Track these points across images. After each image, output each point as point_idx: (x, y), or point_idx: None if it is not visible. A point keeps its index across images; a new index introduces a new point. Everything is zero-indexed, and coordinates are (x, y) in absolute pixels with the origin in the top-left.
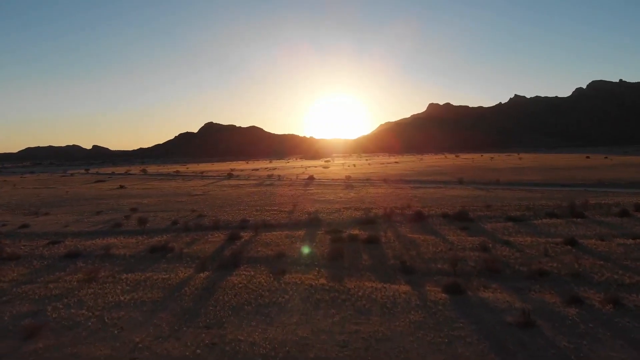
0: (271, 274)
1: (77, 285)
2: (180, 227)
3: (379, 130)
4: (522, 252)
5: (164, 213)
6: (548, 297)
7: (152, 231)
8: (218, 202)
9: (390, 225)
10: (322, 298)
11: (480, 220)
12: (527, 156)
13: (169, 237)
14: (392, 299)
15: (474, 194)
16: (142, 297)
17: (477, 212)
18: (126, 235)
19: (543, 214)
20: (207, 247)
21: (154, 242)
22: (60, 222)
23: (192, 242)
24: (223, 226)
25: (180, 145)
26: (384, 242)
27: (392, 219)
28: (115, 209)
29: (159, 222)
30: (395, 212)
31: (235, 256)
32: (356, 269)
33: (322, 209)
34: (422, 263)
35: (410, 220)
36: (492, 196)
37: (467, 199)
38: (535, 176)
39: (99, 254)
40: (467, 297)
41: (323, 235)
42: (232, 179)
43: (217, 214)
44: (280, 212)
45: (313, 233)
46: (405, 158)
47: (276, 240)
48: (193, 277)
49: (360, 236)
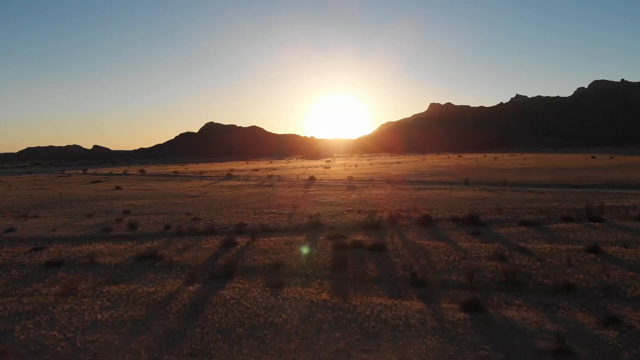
0: (268, 287)
1: (52, 300)
2: (173, 231)
3: (380, 130)
4: (542, 261)
5: (157, 216)
6: (580, 317)
7: (143, 236)
8: (215, 204)
9: (397, 229)
10: (324, 318)
11: (492, 224)
12: (531, 156)
13: (160, 242)
14: (404, 320)
15: (481, 195)
16: (122, 315)
17: (487, 215)
18: (115, 240)
19: (558, 218)
20: (199, 254)
21: (143, 248)
22: (48, 225)
23: (184, 248)
24: (218, 231)
25: (181, 145)
26: (391, 249)
27: (398, 223)
28: (107, 212)
29: (151, 226)
30: (401, 215)
31: (229, 266)
32: (362, 280)
33: (323, 212)
34: (434, 274)
35: (418, 224)
36: (501, 198)
37: (476, 201)
38: (542, 177)
39: (82, 262)
40: (489, 316)
41: (325, 241)
42: (231, 180)
43: (213, 217)
44: (280, 215)
45: (314, 238)
46: (407, 158)
47: (274, 247)
48: (181, 290)
49: (364, 242)
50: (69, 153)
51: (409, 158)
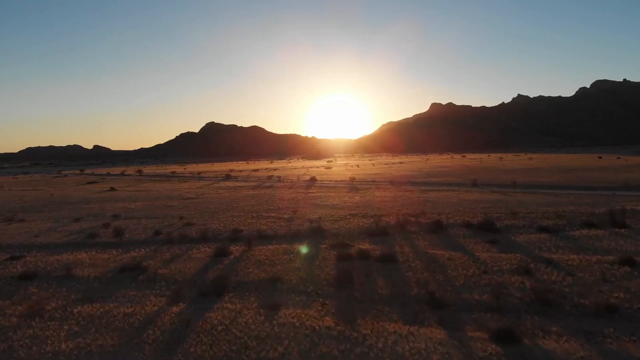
0: (262, 309)
1: (15, 323)
2: (163, 238)
3: (381, 130)
4: (573, 275)
5: (148, 220)
6: (633, 349)
7: (129, 243)
8: (211, 207)
9: (406, 237)
10: (329, 352)
11: (509, 231)
12: (536, 156)
13: (147, 251)
14: (425, 355)
15: (492, 198)
16: (90, 344)
17: (502, 220)
18: (99, 248)
19: (579, 223)
20: (188, 266)
21: (128, 258)
22: (32, 230)
23: (172, 258)
24: (212, 237)
25: (181, 145)
26: (402, 260)
27: (407, 229)
28: (97, 215)
29: (140, 231)
30: (409, 220)
31: (219, 280)
32: (371, 300)
33: (325, 216)
34: (454, 293)
35: (428, 230)
36: (514, 201)
37: (487, 205)
38: (552, 178)
39: (59, 274)
40: (525, 348)
41: (327, 250)
42: (229, 181)
43: (207, 222)
44: (279, 220)
45: (316, 247)
46: (410, 158)
47: (271, 257)
48: (163, 311)
49: (372, 252)
50: (69, 153)
51: (411, 158)
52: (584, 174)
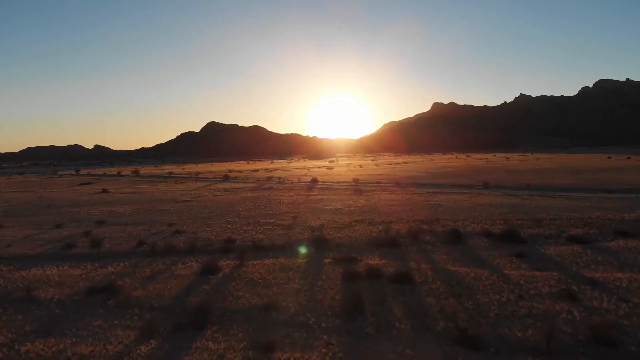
0: (251, 351)
1: None
2: (146, 249)
3: (383, 130)
4: (627, 302)
5: (135, 227)
6: None
7: (108, 256)
8: (204, 212)
9: (420, 249)
10: None
11: (536, 241)
12: (543, 156)
13: (125, 266)
14: None
15: (508, 202)
16: None
17: (526, 228)
18: (73, 261)
19: (611, 232)
20: (169, 286)
21: (102, 275)
22: (6, 239)
23: (152, 276)
24: (201, 249)
25: (182, 145)
26: (419, 281)
27: (420, 239)
28: (81, 221)
29: (123, 241)
30: (422, 228)
31: (203, 308)
32: (388, 337)
33: (328, 222)
34: (489, 327)
35: (445, 241)
36: (532, 205)
37: (504, 209)
38: (566, 179)
39: (18, 296)
40: None
41: (331, 267)
42: (228, 182)
43: (198, 229)
44: (277, 227)
45: (318, 261)
46: (413, 158)
47: (267, 276)
48: (129, 352)
49: (383, 269)
50: (70, 153)
51: (414, 158)
52: (597, 175)
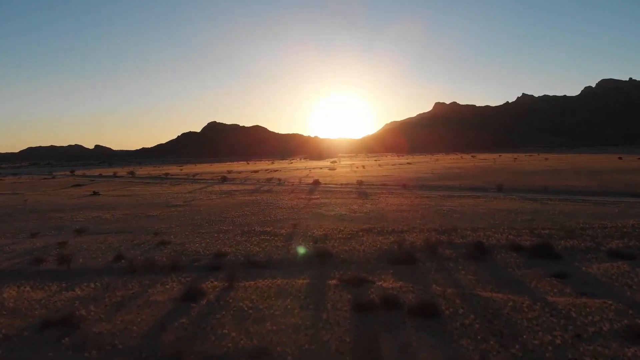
0: None
1: None
2: (123, 266)
3: (385, 130)
4: None
5: (117, 237)
6: None
7: (80, 273)
8: (196, 218)
9: (440, 266)
10: None
11: (574, 257)
12: (551, 157)
13: (94, 287)
14: None
15: (529, 207)
16: None
17: (557, 240)
18: (39, 280)
19: None
20: (140, 318)
21: (64, 300)
22: None
23: (123, 302)
24: (186, 265)
25: (183, 145)
26: (448, 313)
27: (439, 253)
28: (61, 228)
29: (99, 255)
30: (440, 239)
31: (177, 354)
32: None
33: (332, 232)
34: None
35: (468, 256)
36: (556, 212)
37: (526, 216)
38: (583, 182)
39: None
40: None
41: (338, 292)
42: (225, 184)
43: (186, 240)
44: (274, 238)
45: (321, 283)
46: (417, 158)
47: (259, 304)
48: None
49: (401, 296)
50: (70, 153)
51: (418, 158)
52: (614, 176)
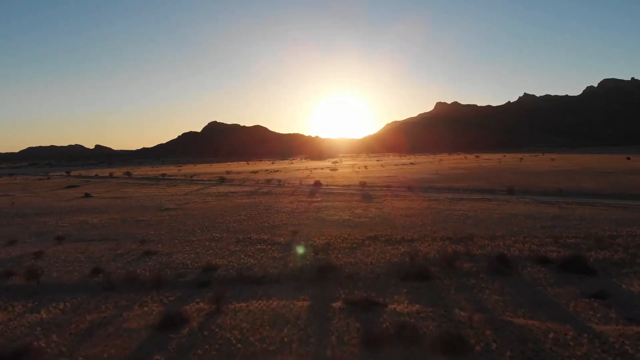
0: None
1: None
2: (100, 281)
3: (386, 130)
4: None
5: (99, 245)
6: None
7: (50, 289)
8: (189, 224)
9: (461, 283)
10: None
11: (607, 270)
12: (557, 157)
13: (64, 308)
14: None
15: (546, 212)
16: None
17: (586, 251)
18: (4, 298)
19: None
20: (107, 353)
21: (25, 326)
22: None
23: (91, 330)
24: (170, 281)
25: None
26: (479, 348)
27: (458, 267)
28: (43, 235)
29: (76, 267)
30: (456, 250)
31: None
32: None
33: (335, 240)
34: None
35: (490, 270)
36: (577, 217)
37: (546, 222)
38: (596, 183)
39: None
40: None
41: (344, 318)
42: (223, 185)
43: (174, 249)
44: (272, 247)
45: (324, 306)
46: (420, 159)
47: (250, 336)
48: None
49: (419, 324)
50: (70, 153)
51: (421, 159)
52: (628, 178)
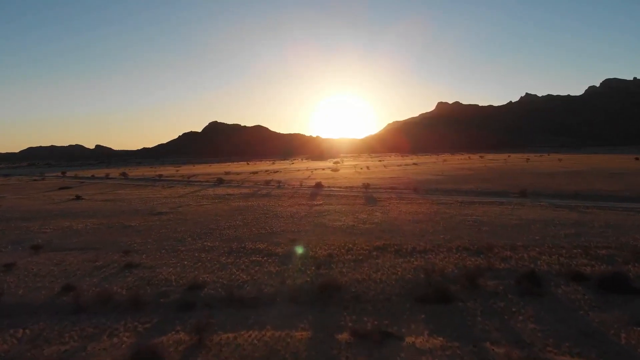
0: None
1: None
2: (68, 302)
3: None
4: None
5: (78, 256)
6: None
7: (11, 312)
8: (179, 231)
9: (487, 307)
10: None
11: None
12: (565, 157)
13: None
14: None
15: (565, 217)
16: None
17: (623, 265)
18: None
19: None
20: None
21: None
22: None
23: None
24: (149, 302)
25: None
26: None
27: (481, 286)
28: (19, 242)
29: (46, 283)
30: (477, 264)
31: None
32: None
33: (339, 251)
34: None
35: (519, 290)
36: (601, 223)
37: (568, 230)
38: (611, 185)
39: None
40: None
41: (352, 357)
42: (220, 186)
43: (158, 262)
44: (268, 260)
45: (327, 341)
46: (423, 159)
47: None
48: None
49: None
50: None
51: (423, 159)
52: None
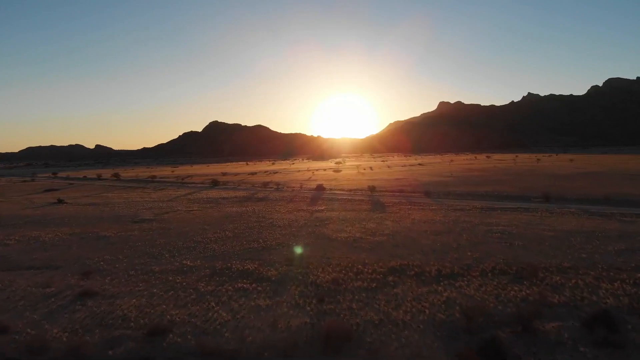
0: None
1: None
2: None
3: (389, 130)
4: None
5: (30, 279)
6: None
7: None
8: (158, 244)
9: None
10: None
11: None
12: (577, 157)
13: None
14: None
15: (605, 228)
16: None
17: None
18: None
19: None
20: None
21: None
22: None
23: None
24: (91, 357)
25: (184, 145)
26: None
27: (539, 331)
28: None
29: None
30: (526, 296)
31: None
32: None
33: (346, 274)
34: None
35: (591, 340)
36: None
37: (618, 245)
38: (635, 188)
39: None
40: None
41: None
42: (215, 189)
43: (121, 290)
44: (257, 288)
45: None
46: (428, 159)
47: None
48: None
49: None
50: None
51: (429, 159)
52: None
